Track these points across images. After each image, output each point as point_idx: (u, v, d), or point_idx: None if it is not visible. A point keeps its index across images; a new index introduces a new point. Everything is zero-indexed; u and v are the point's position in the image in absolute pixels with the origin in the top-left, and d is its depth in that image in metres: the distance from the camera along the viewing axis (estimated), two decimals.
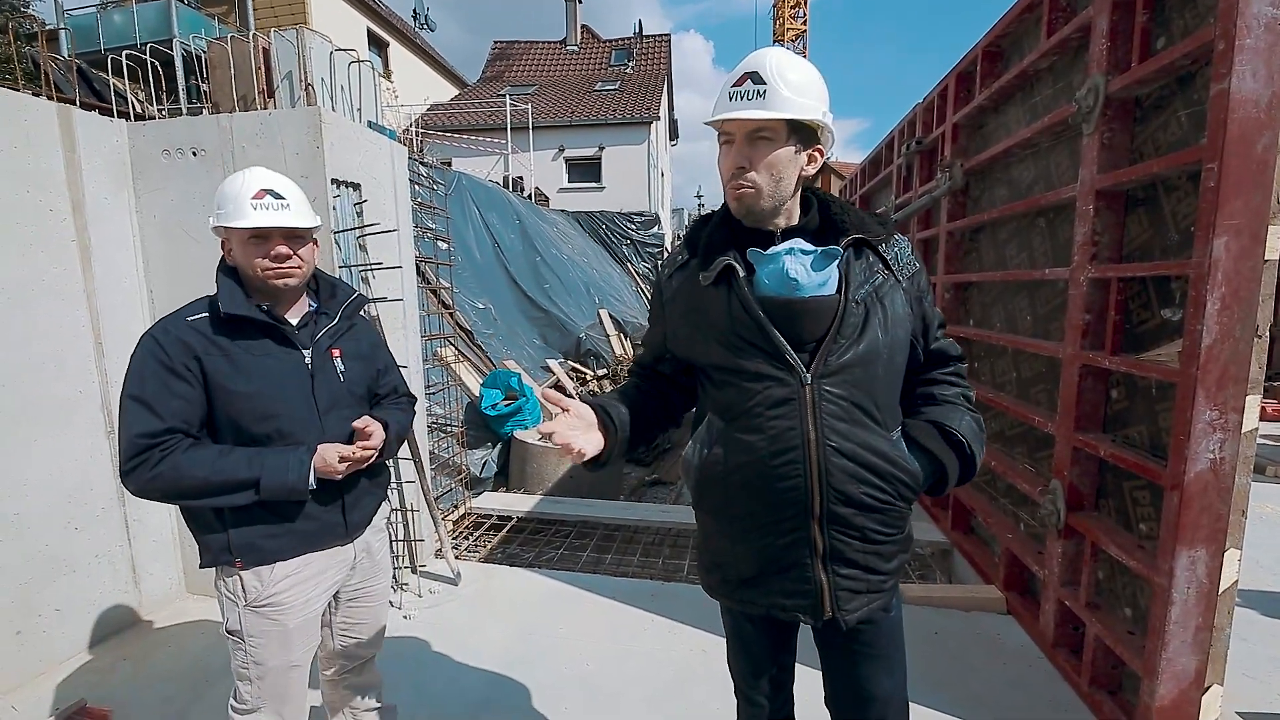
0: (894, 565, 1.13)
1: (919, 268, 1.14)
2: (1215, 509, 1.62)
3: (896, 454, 1.07)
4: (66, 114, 2.35)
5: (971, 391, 1.21)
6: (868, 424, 1.05)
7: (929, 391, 1.18)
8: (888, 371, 1.08)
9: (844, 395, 1.03)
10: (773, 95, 1.01)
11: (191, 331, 1.25)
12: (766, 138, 1.03)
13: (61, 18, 8.99)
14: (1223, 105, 1.50)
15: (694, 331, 1.13)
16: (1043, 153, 2.51)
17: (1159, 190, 1.86)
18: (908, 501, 1.11)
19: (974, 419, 1.16)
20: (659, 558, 3.27)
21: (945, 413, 1.14)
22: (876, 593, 1.12)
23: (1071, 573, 2.17)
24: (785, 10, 23.78)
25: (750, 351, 1.05)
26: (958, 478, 1.13)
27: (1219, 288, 1.54)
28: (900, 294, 1.09)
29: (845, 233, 1.08)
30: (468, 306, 6.44)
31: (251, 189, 1.28)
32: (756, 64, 1.04)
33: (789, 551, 1.08)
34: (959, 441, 1.12)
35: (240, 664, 1.34)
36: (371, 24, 14.53)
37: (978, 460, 1.14)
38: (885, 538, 1.10)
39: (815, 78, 1.05)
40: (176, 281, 2.58)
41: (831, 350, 1.03)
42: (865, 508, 1.06)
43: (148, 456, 1.19)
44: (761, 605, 1.14)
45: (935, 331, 1.18)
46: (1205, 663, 1.68)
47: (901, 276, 1.10)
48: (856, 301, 1.04)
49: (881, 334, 1.05)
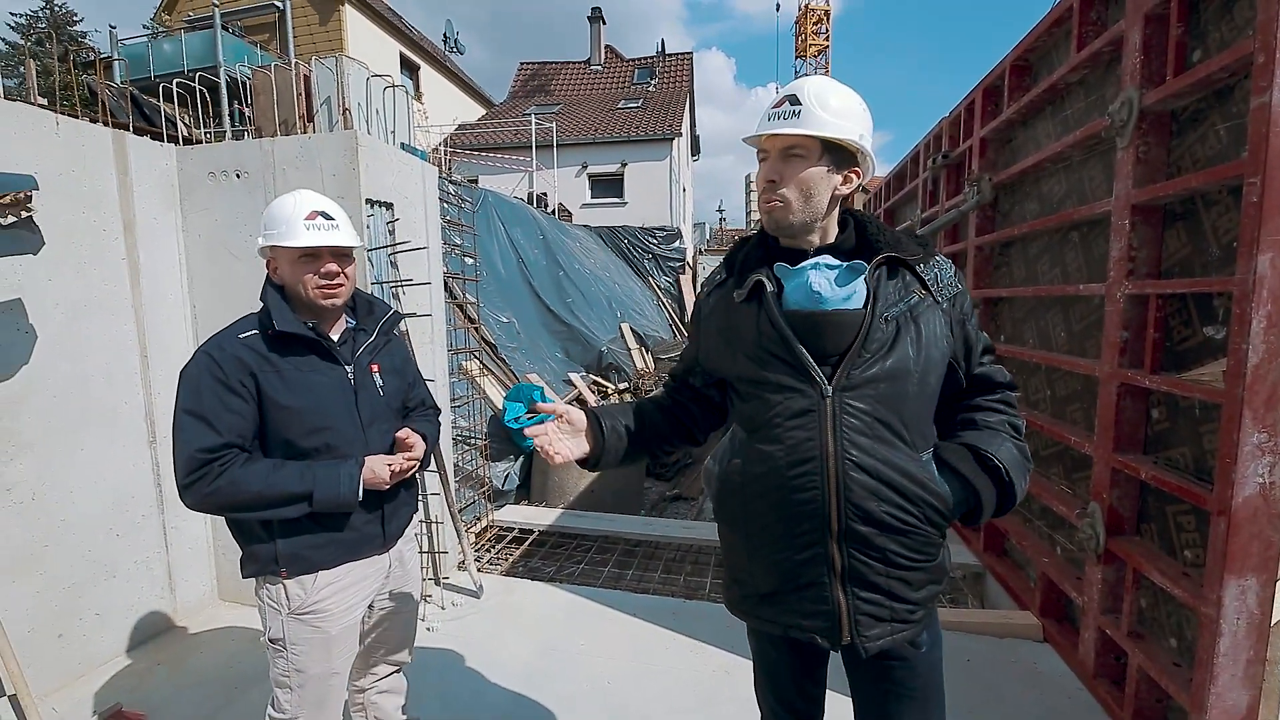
0: (922, 595, 1.09)
1: (961, 290, 1.12)
2: (1266, 536, 1.55)
3: (924, 475, 1.04)
4: (120, 139, 2.48)
5: (1020, 420, 1.15)
6: (893, 441, 1.03)
7: (971, 417, 1.14)
8: (919, 391, 1.05)
9: (867, 410, 1.02)
10: (807, 115, 1.04)
11: (245, 349, 1.30)
12: (799, 155, 1.06)
13: (116, 47, 9.52)
14: (1264, 119, 1.46)
15: (725, 346, 1.15)
16: (1075, 167, 2.46)
17: (1198, 205, 1.81)
18: (936, 526, 1.07)
19: (1017, 447, 1.11)
20: (680, 575, 3.24)
21: (984, 438, 1.10)
22: (903, 623, 1.08)
23: (1112, 600, 2.09)
24: (808, 27, 23.93)
25: (774, 363, 1.06)
26: (994, 507, 1.08)
27: (1265, 305, 1.49)
28: (938, 315, 1.07)
29: (879, 252, 1.08)
30: (492, 321, 6.54)
31: (303, 211, 1.33)
32: (796, 88, 1.07)
33: (807, 568, 1.06)
34: (995, 467, 1.07)
35: (281, 672, 1.37)
36: (404, 48, 15.05)
37: (1018, 490, 1.08)
38: (911, 563, 1.06)
39: (855, 105, 1.07)
40: (218, 298, 2.69)
41: (855, 364, 1.02)
42: (887, 528, 1.03)
43: (207, 471, 1.23)
44: (779, 624, 1.12)
45: (979, 356, 1.14)
46: (1258, 698, 1.59)
47: (941, 298, 1.08)
48: (886, 319, 1.03)
49: (913, 352, 1.03)
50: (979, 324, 1.16)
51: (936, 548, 1.09)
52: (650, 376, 9.06)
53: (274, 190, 2.55)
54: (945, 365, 1.09)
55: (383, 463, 1.35)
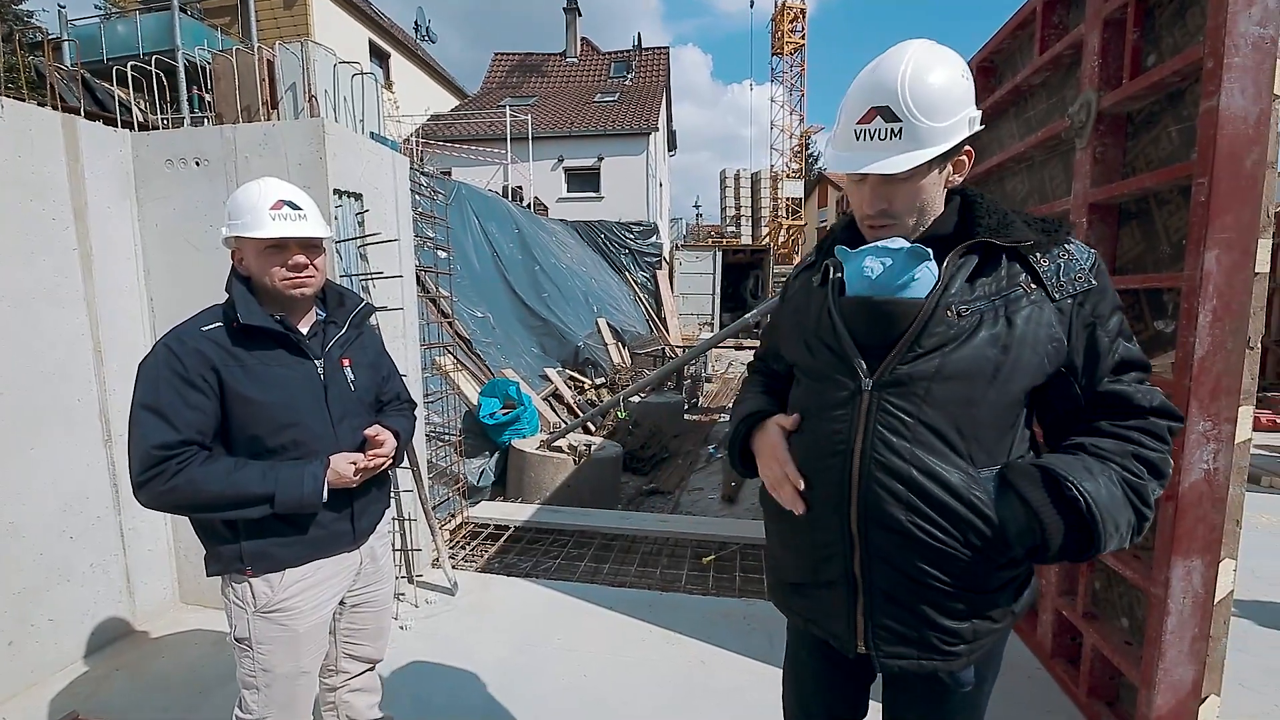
0: (963, 628, 0.94)
1: (1097, 287, 0.92)
2: (1210, 519, 1.63)
3: (970, 493, 0.89)
4: (71, 123, 2.37)
5: (1158, 455, 0.91)
6: (939, 449, 0.90)
7: (1081, 441, 0.94)
8: (996, 398, 0.90)
9: (910, 410, 0.90)
10: (910, 133, 0.87)
11: (207, 342, 1.26)
12: (905, 177, 0.91)
13: (65, 28, 9.05)
14: (1212, 122, 1.53)
15: (793, 329, 1.08)
16: (1036, 166, 2.54)
17: (1151, 204, 1.89)
18: (983, 554, 0.90)
19: (1129, 484, 0.88)
20: (657, 567, 3.26)
21: (1075, 464, 0.89)
22: (933, 650, 0.95)
23: (1069, 583, 2.18)
24: (784, 25, 24.11)
25: (823, 351, 0.99)
26: (1060, 547, 0.86)
27: (1210, 300, 1.56)
28: (1047, 312, 0.90)
29: (976, 236, 0.93)
30: (466, 315, 6.45)
31: (269, 200, 1.29)
32: (884, 94, 0.87)
33: (827, 565, 1.00)
34: (1074, 500, 0.85)
35: (247, 672, 1.33)
36: (374, 35, 14.67)
37: (1102, 535, 0.85)
38: (945, 588, 0.92)
39: (958, 82, 0.89)
40: (177, 290, 2.59)
41: (902, 358, 0.90)
42: (915, 541, 0.91)
43: (163, 469, 1.19)
44: (802, 617, 1.09)
45: (1110, 370, 0.93)
46: (1202, 673, 1.68)
47: (1058, 293, 0.91)
48: (959, 312, 0.89)
49: (992, 351, 0.88)
50: (1128, 333, 0.95)
51: (988, 579, 0.93)
52: (627, 371, 9.06)
53: (236, 179, 2.46)
54: (1048, 374, 0.93)
55: (347, 461, 1.31)
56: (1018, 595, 1.00)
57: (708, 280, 16.00)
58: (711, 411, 8.75)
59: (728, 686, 2.22)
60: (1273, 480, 4.59)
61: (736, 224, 27.09)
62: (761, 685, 2.17)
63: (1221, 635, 1.72)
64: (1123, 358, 0.94)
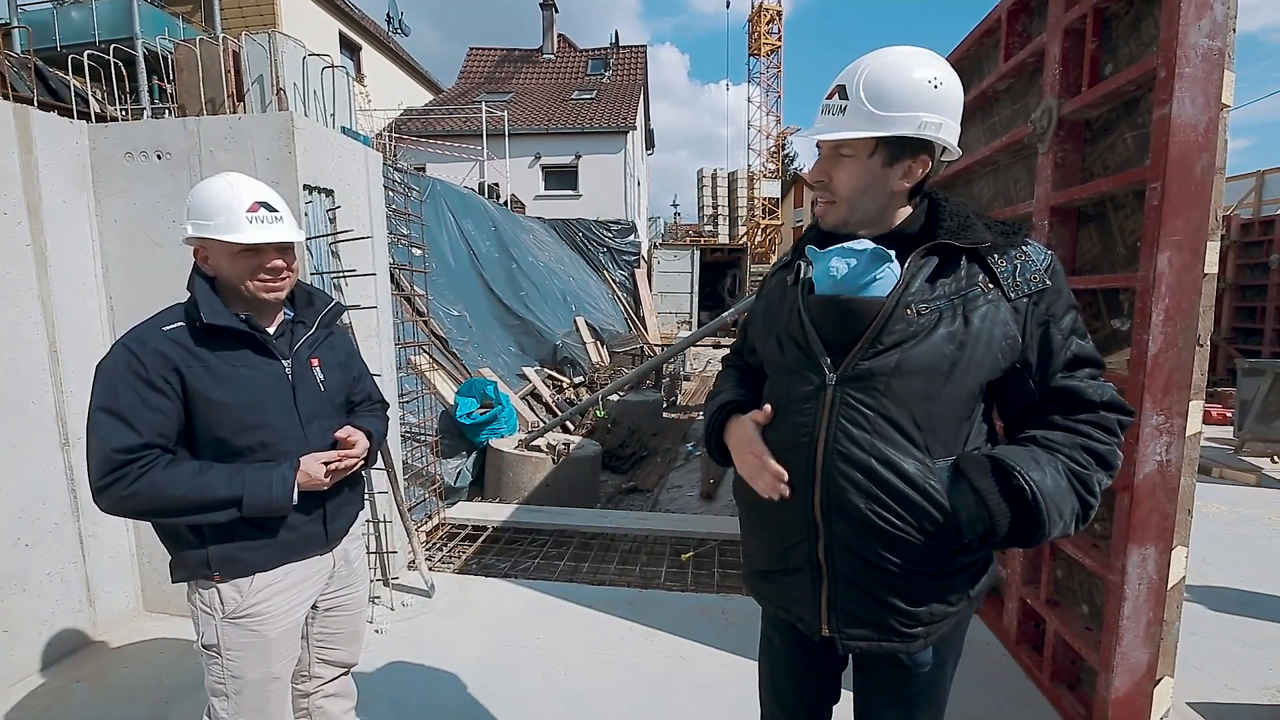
0: (920, 611, 0.99)
1: (1051, 287, 0.97)
2: (1163, 509, 1.71)
3: (926, 482, 0.94)
4: (23, 114, 2.26)
5: (1106, 447, 0.96)
6: (897, 440, 0.95)
7: (1034, 434, 0.99)
8: (952, 392, 0.95)
9: (870, 404, 0.95)
10: (852, 112, 0.95)
11: (169, 342, 1.22)
12: (847, 154, 0.98)
13: (15, 14, 8.64)
14: (1164, 129, 1.60)
15: (766, 325, 1.13)
16: (1001, 170, 2.62)
17: (1108, 207, 1.96)
18: (937, 540, 0.95)
19: (1074, 474, 0.93)
20: (636, 565, 3.27)
21: (1022, 454, 0.94)
22: (892, 632, 1.00)
23: (1032, 571, 2.26)
24: (760, 26, 24.30)
25: (791, 347, 1.04)
26: (1006, 533, 0.90)
27: (1163, 299, 1.63)
28: (1003, 311, 0.95)
29: (939, 238, 0.97)
30: (442, 314, 6.37)
31: (245, 201, 1.24)
32: (847, 75, 0.97)
33: (794, 552, 1.05)
34: (1020, 488, 0.90)
35: (216, 679, 1.30)
36: (344, 27, 14.32)
37: (1047, 522, 0.89)
38: (903, 572, 0.97)
39: (918, 86, 0.93)
40: (137, 287, 2.50)
41: (864, 354, 0.95)
42: (872, 528, 0.96)
43: (125, 473, 1.14)
44: (772, 603, 1.15)
45: (1063, 366, 0.98)
46: (1156, 656, 1.76)
47: (1014, 293, 0.95)
48: (918, 310, 0.94)
49: (949, 348, 0.93)
50: (1081, 331, 1.00)
51: (942, 563, 0.98)
52: (606, 370, 9.05)
53: (200, 173, 2.39)
54: (1003, 370, 0.97)
55: (318, 462, 1.29)
56: (974, 581, 1.04)
57: (686, 279, 16.08)
58: (690, 409, 8.79)
59: (706, 681, 2.25)
60: (1223, 471, 4.81)
61: (714, 223, 27.24)
62: (740, 679, 2.20)
63: (1175, 619, 1.80)
64: (1075, 354, 0.98)
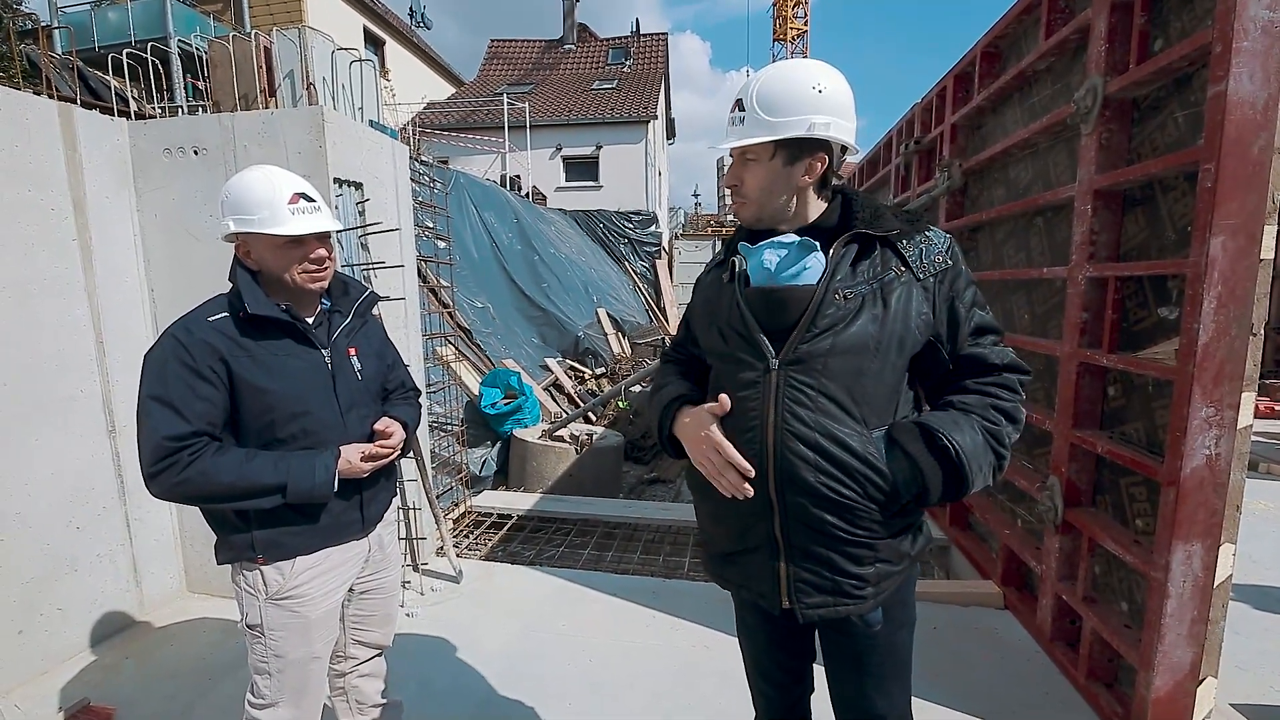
0: (869, 572, 1.07)
1: (953, 267, 1.08)
2: (1211, 504, 1.65)
3: (866, 451, 1.03)
4: (68, 112, 2.34)
5: (1012, 404, 1.08)
6: (838, 415, 1.03)
7: (950, 399, 1.10)
8: (880, 368, 1.04)
9: (811, 384, 1.03)
10: (749, 121, 1.06)
11: (215, 333, 1.25)
12: (751, 159, 1.09)
13: (56, 15, 8.93)
14: (1220, 107, 1.52)
15: (706, 320, 1.21)
16: (1041, 153, 2.53)
17: (1156, 190, 1.88)
18: (880, 505, 1.04)
19: (988, 430, 1.05)
20: (660, 555, 3.29)
21: (945, 418, 1.06)
22: (845, 596, 1.08)
23: (1069, 567, 2.20)
24: (787, 10, 23.79)
25: (734, 338, 1.11)
26: (939, 491, 1.02)
27: (1215, 286, 1.56)
28: (916, 291, 1.06)
29: (854, 229, 1.07)
30: (466, 305, 6.44)
31: (285, 194, 1.27)
32: (743, 91, 1.09)
33: (751, 532, 1.11)
34: (944, 448, 1.01)
35: (259, 658, 1.35)
36: (368, 22, 14.47)
37: (970, 475, 1.02)
38: (852, 538, 1.05)
39: (802, 91, 1.03)
40: (178, 279, 2.58)
41: (802, 338, 1.04)
42: (823, 499, 1.03)
43: (176, 459, 1.18)
44: (734, 584, 1.20)
45: (969, 335, 1.09)
46: (1200, 655, 1.71)
47: (922, 274, 1.06)
48: (844, 295, 1.03)
49: (874, 328, 1.03)
50: (981, 303, 1.11)
51: (884, 526, 1.07)
52: (627, 361, 9.06)
53: (235, 167, 2.44)
54: (921, 344, 1.07)
55: (358, 452, 1.32)
56: (914, 542, 1.14)
57: None
58: None
59: (730, 668, 2.24)
60: (1270, 466, 4.62)
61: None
62: None
63: (1219, 618, 1.74)
64: (978, 324, 1.10)
